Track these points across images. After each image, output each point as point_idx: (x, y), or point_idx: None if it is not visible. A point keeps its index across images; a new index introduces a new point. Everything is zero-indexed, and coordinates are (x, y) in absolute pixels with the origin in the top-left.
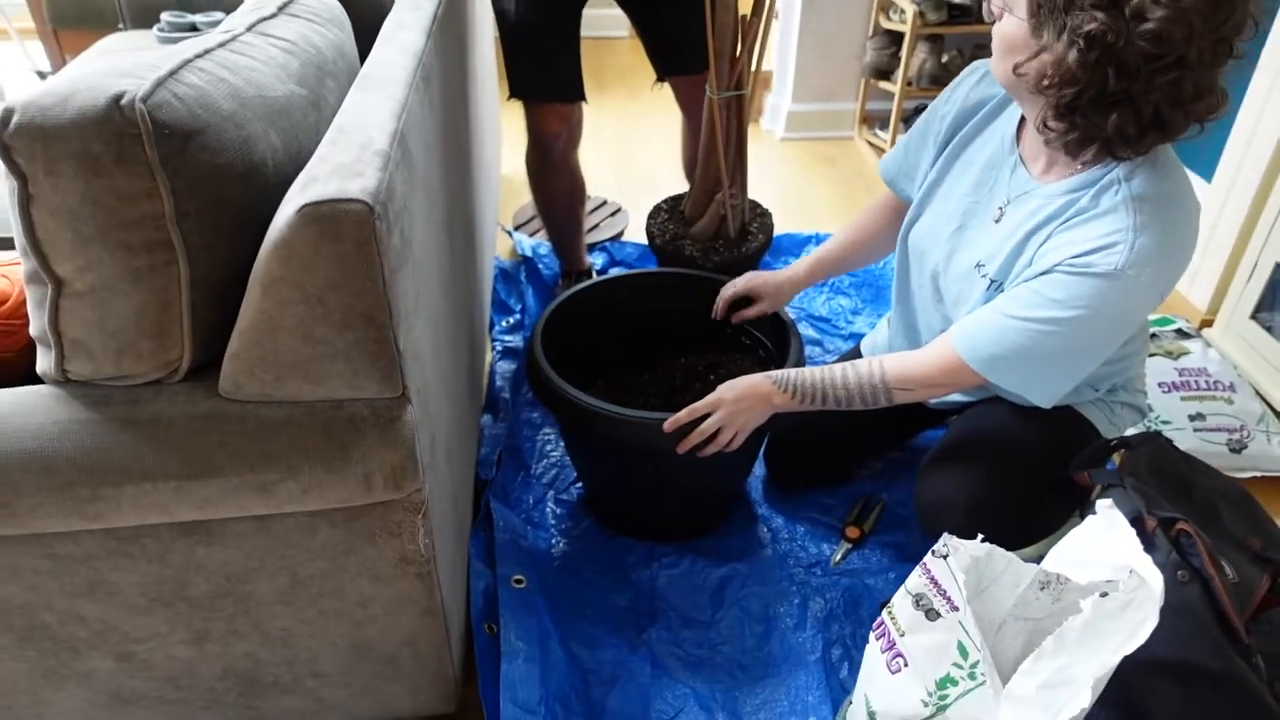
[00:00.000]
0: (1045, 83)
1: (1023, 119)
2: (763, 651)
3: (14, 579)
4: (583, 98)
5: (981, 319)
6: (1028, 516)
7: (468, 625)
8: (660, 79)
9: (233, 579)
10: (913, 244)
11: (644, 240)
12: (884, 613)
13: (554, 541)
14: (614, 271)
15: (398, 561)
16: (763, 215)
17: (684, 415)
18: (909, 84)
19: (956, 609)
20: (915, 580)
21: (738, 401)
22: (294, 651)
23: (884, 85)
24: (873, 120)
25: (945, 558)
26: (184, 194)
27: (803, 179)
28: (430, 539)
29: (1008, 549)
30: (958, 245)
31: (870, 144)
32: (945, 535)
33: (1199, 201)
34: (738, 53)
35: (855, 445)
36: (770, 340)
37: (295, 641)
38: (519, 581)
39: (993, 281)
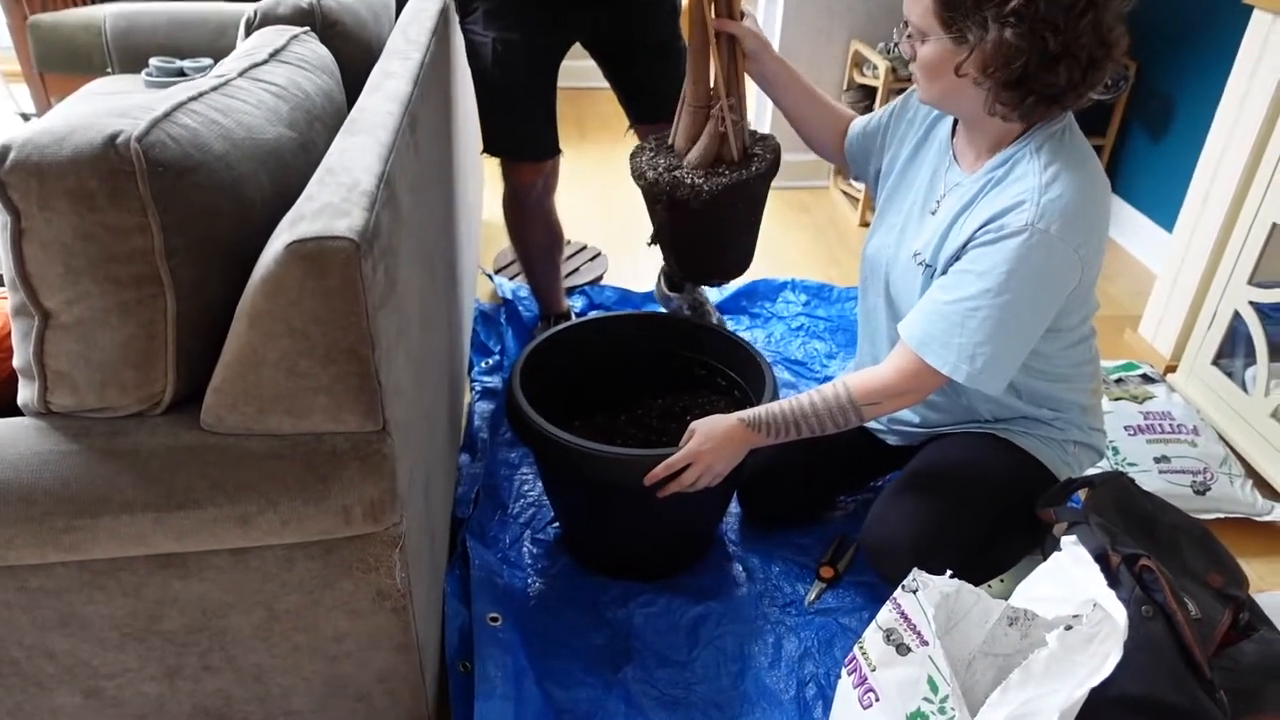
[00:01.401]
0: (990, 69)
1: (956, 122)
2: (738, 690)
3: None
4: (556, 153)
5: (923, 311)
6: (975, 555)
7: (442, 664)
8: (632, 125)
9: (208, 613)
10: (869, 257)
11: (624, 284)
12: (855, 648)
13: (530, 580)
14: (593, 315)
15: (374, 596)
16: (765, 139)
17: (660, 471)
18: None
19: (926, 643)
20: (886, 615)
21: (714, 451)
22: (266, 688)
23: None
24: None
25: (915, 592)
26: (174, 230)
27: (779, 227)
28: (406, 574)
29: None
30: (901, 243)
31: (844, 193)
32: (915, 570)
33: (1106, 180)
34: None
35: (829, 485)
36: (744, 380)
37: (268, 678)
38: (494, 620)
39: (928, 266)
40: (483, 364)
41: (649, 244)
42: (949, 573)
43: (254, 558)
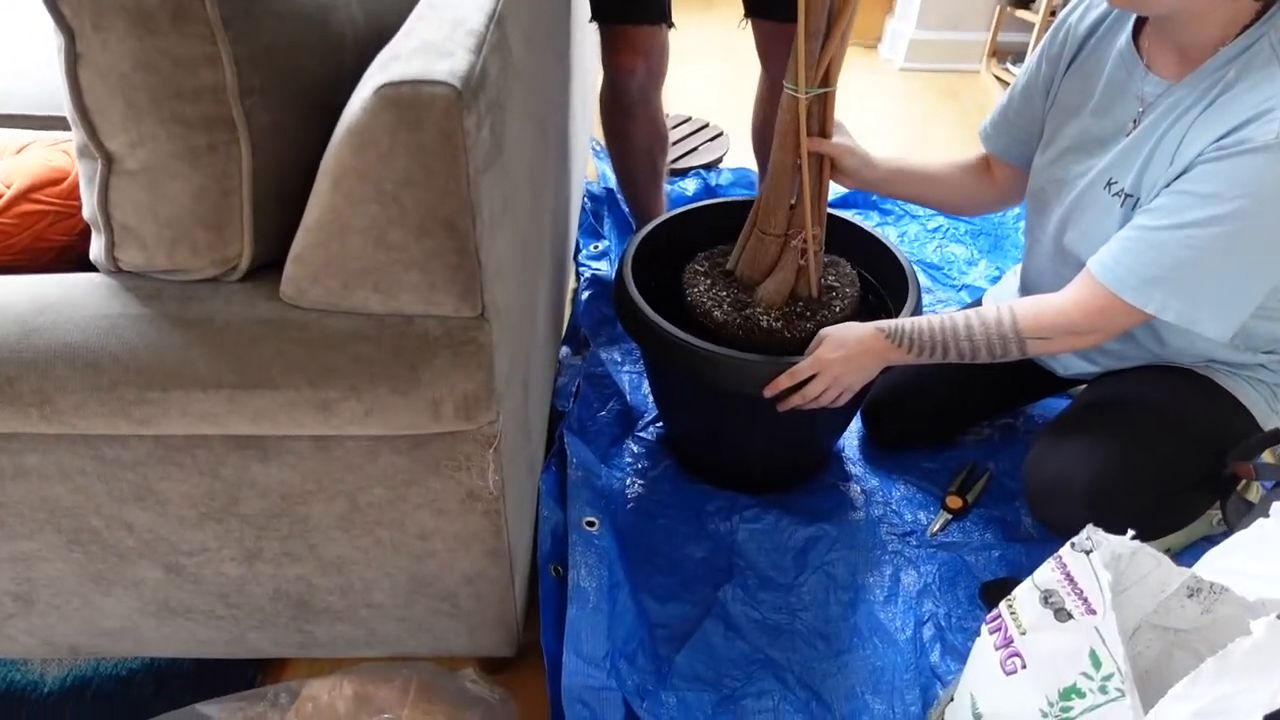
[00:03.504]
0: None
1: (1137, 27)
2: (848, 623)
3: (60, 479)
4: (664, 20)
5: (1122, 240)
6: (1157, 508)
7: (533, 565)
8: (746, 16)
9: (288, 499)
10: (1034, 193)
11: (745, 165)
12: (1003, 605)
13: (630, 482)
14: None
15: (464, 496)
16: (836, 264)
17: (784, 380)
18: (1052, 14)
19: (1094, 612)
20: (1046, 574)
21: (847, 361)
22: (348, 579)
23: (1022, 15)
24: (1004, 53)
25: (1089, 553)
26: (248, 64)
27: (920, 114)
28: (501, 475)
29: None
30: (1083, 173)
31: (999, 79)
32: (1090, 527)
33: None
34: (835, 31)
35: (966, 408)
36: (882, 284)
37: (350, 569)
38: (590, 524)
39: (1128, 196)
40: (590, 248)
41: None
42: (1131, 533)
43: (336, 446)
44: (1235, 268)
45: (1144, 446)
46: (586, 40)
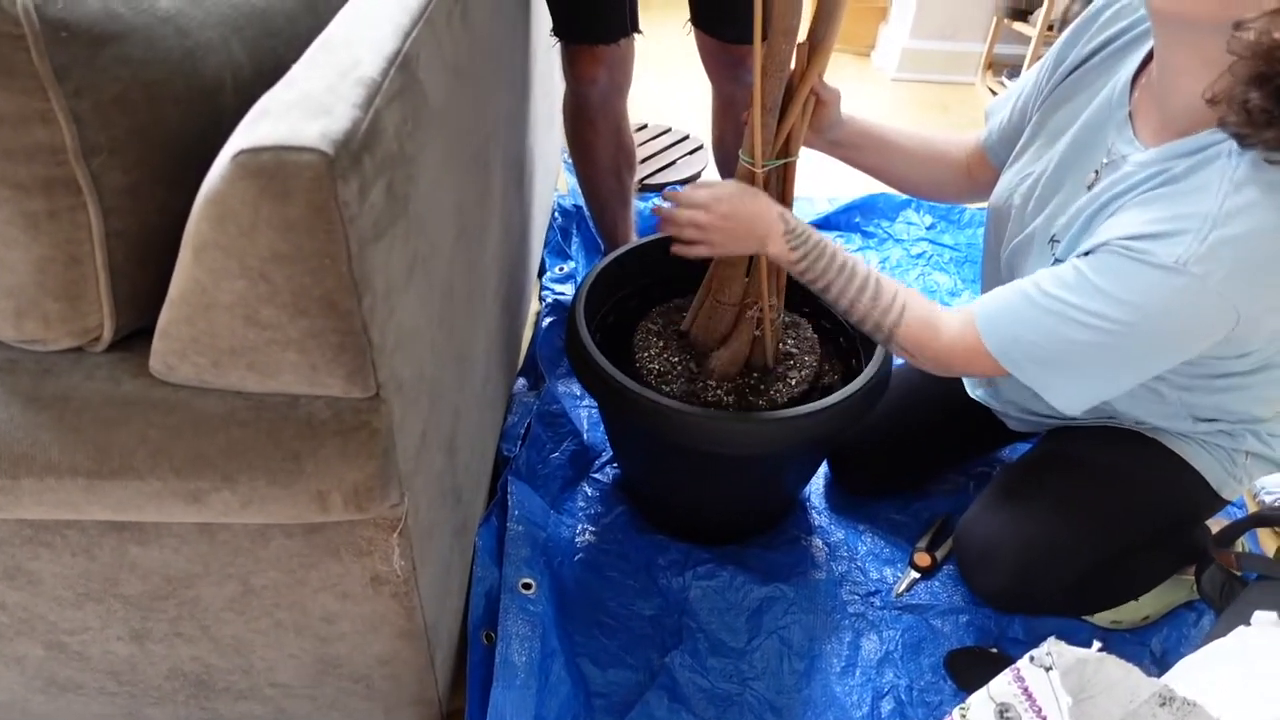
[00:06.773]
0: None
1: (1143, 65)
2: (801, 694)
3: None
4: (624, 34)
5: (1011, 293)
6: (1097, 581)
7: (465, 630)
8: (690, 22)
9: (172, 582)
10: (992, 209)
11: None
12: (955, 712)
13: (579, 529)
14: None
15: (369, 580)
16: (795, 326)
17: (670, 199)
18: (1050, 28)
19: None
20: (1002, 687)
21: (727, 219)
22: (248, 660)
23: (1019, 27)
24: (1000, 66)
25: (1048, 670)
26: (92, 120)
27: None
28: (410, 559)
29: (1063, 614)
30: (1038, 215)
31: (993, 92)
32: (1050, 641)
33: None
34: (795, 102)
35: (936, 454)
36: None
37: (249, 651)
38: (527, 586)
39: (1058, 260)
40: (556, 270)
41: None
42: (1097, 645)
43: (220, 530)
44: (1102, 361)
45: (1079, 516)
46: (552, 48)
